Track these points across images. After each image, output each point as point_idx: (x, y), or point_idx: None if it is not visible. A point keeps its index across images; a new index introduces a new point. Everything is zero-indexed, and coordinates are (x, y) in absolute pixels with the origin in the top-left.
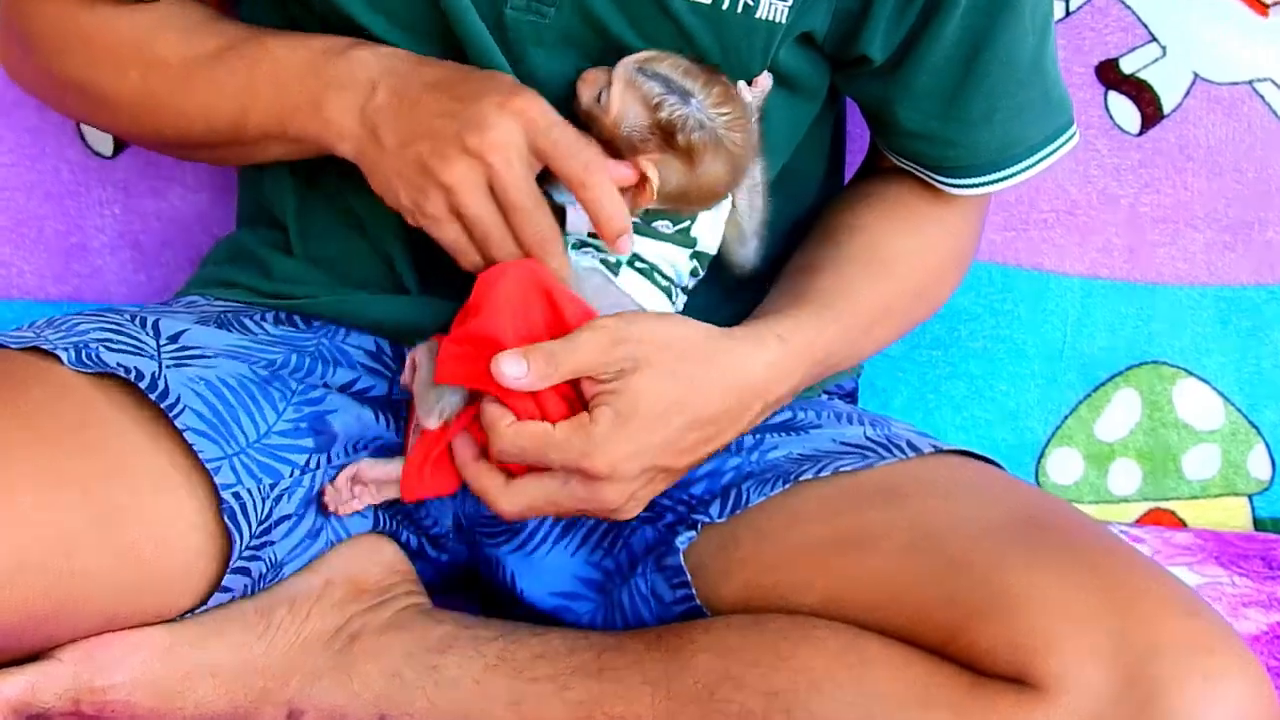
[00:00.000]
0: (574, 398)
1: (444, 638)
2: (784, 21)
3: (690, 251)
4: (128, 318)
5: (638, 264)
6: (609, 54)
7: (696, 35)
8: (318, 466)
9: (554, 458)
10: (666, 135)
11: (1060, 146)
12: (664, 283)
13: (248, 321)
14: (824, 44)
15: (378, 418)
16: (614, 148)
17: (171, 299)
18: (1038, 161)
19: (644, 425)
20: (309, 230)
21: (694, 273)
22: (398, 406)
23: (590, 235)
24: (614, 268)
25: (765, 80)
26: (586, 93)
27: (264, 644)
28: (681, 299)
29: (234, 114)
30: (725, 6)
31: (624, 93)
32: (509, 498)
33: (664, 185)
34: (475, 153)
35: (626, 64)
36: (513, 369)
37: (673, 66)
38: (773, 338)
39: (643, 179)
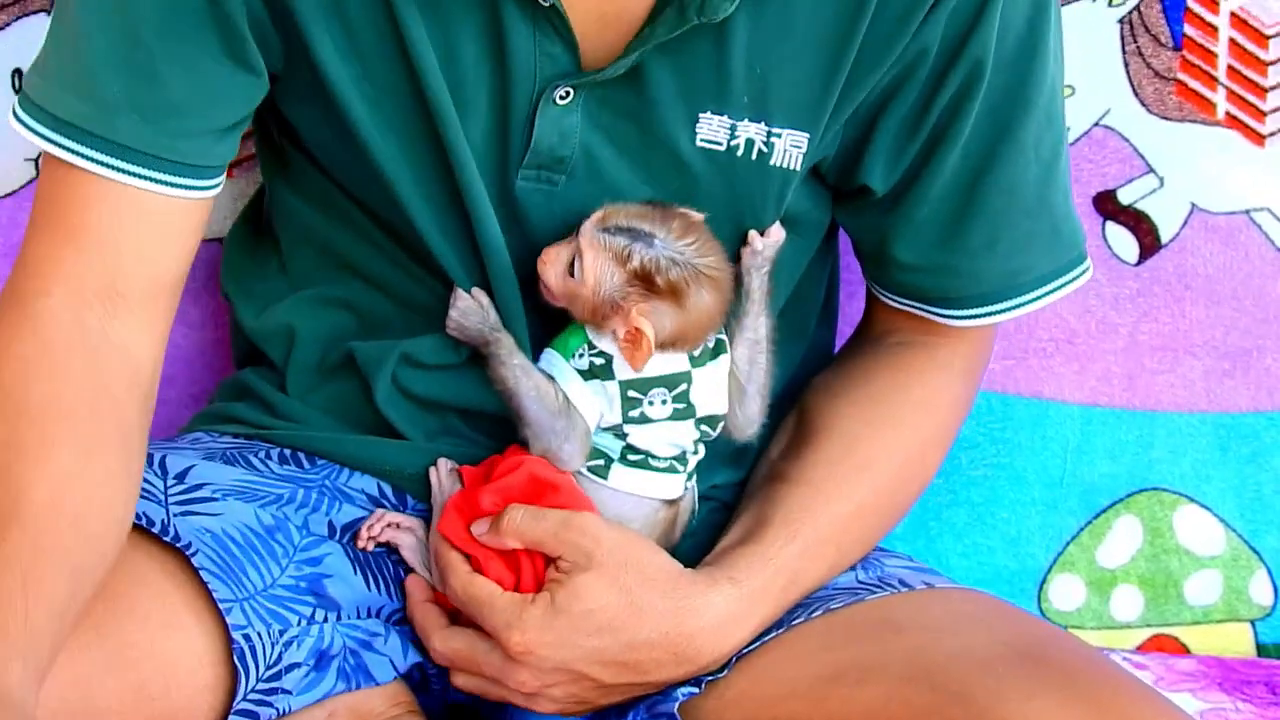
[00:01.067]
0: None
1: None
2: (799, 169)
3: (694, 420)
4: None
5: (629, 457)
6: None
7: (711, 187)
8: (324, 620)
9: (486, 618)
10: (646, 282)
11: (1072, 280)
12: (663, 464)
13: (253, 459)
14: (827, 174)
15: (369, 584)
16: (599, 315)
17: (177, 434)
18: (1047, 293)
19: (574, 623)
20: (303, 378)
21: (703, 437)
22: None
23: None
24: (602, 471)
25: (778, 232)
26: (553, 272)
27: None
28: (696, 459)
29: None
30: (740, 154)
31: (594, 258)
32: (442, 639)
33: (659, 332)
34: None
35: (586, 229)
36: (478, 526)
37: (628, 216)
38: (725, 581)
39: (637, 333)
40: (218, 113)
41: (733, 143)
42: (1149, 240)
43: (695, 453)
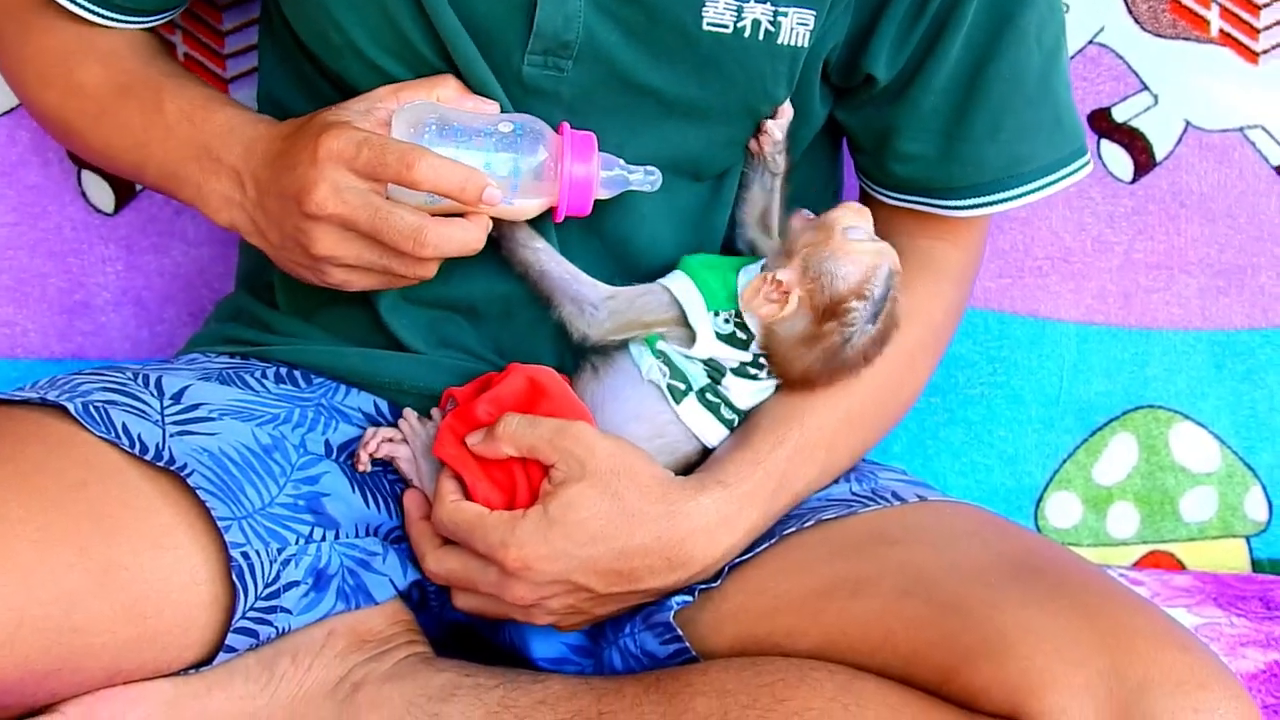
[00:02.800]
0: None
1: (445, 686)
2: (806, 45)
3: (776, 385)
4: (130, 375)
5: (708, 396)
6: (629, 105)
7: (720, 70)
8: (323, 539)
9: (477, 541)
10: (828, 314)
11: (1073, 172)
12: (730, 416)
13: (249, 379)
14: (833, 73)
15: (368, 502)
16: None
17: (174, 355)
18: (1049, 184)
19: (567, 534)
20: (297, 291)
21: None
22: (389, 486)
23: (687, 356)
24: (679, 395)
25: (787, 110)
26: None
27: (267, 695)
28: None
29: (133, 161)
30: (748, 35)
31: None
32: (436, 559)
33: (788, 329)
34: (317, 217)
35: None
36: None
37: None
38: (715, 485)
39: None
40: None
41: (739, 24)
42: (1144, 158)
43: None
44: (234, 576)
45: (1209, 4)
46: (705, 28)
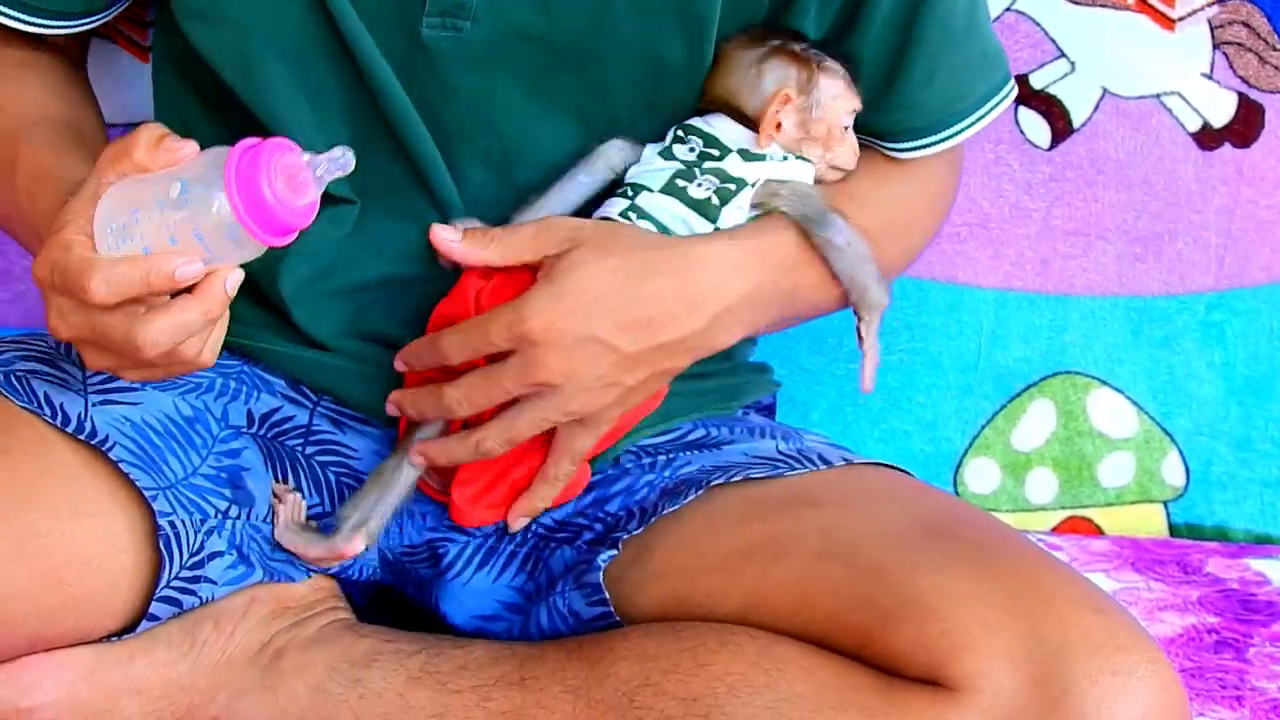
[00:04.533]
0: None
1: (368, 652)
2: None
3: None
4: (52, 344)
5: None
6: (529, 61)
7: (619, 16)
8: (239, 517)
9: (493, 334)
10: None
11: (1001, 100)
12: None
13: None
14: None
15: (286, 481)
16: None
17: None
18: (982, 116)
19: (580, 291)
20: None
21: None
22: (305, 461)
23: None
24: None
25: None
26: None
27: (189, 661)
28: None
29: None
30: None
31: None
32: (441, 451)
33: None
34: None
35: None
36: (447, 233)
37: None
38: (722, 237)
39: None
40: None
41: None
42: (1061, 125)
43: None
44: (160, 544)
45: None
46: None
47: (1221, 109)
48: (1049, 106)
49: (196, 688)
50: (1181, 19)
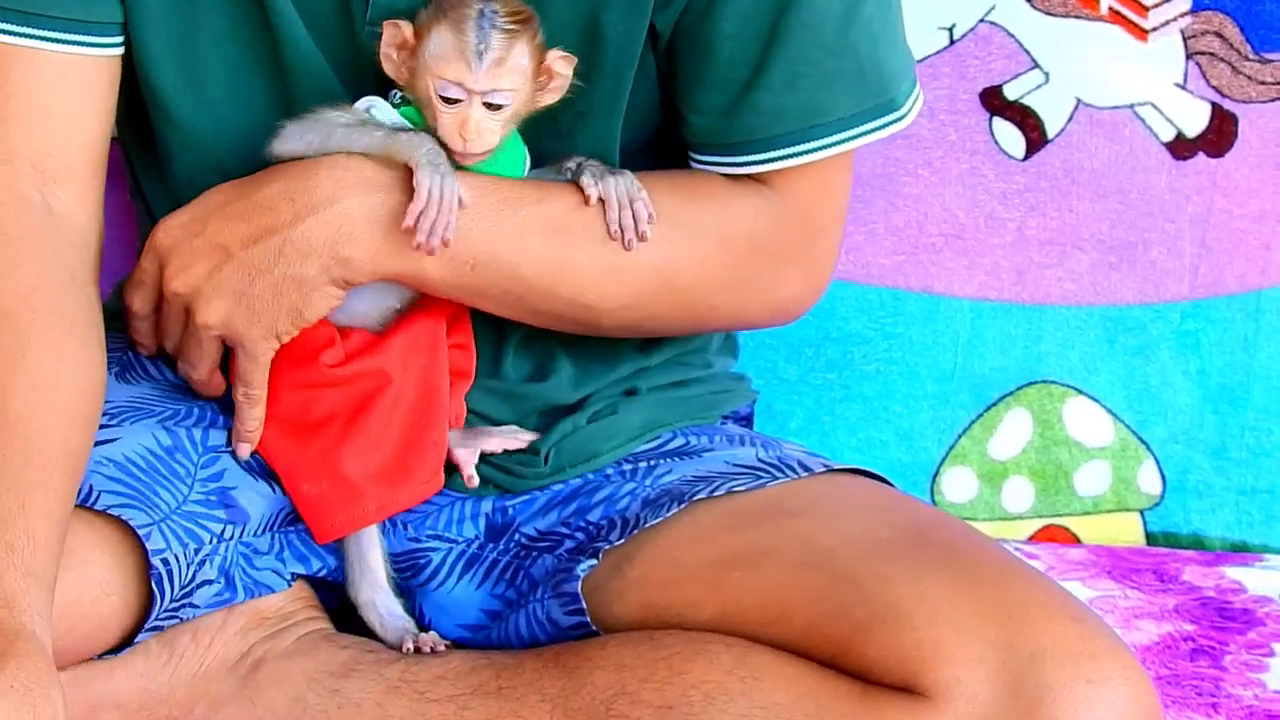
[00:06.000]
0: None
1: (347, 662)
2: None
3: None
4: None
5: None
6: None
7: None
8: (232, 537)
9: (142, 260)
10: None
11: (880, 126)
12: None
13: (148, 365)
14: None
15: (273, 487)
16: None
17: None
18: (849, 137)
19: (202, 201)
20: None
21: None
22: None
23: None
24: None
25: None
26: (490, 129)
27: (168, 673)
28: None
29: None
30: None
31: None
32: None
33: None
34: None
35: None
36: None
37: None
38: (361, 155)
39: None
40: None
41: None
42: (1035, 135)
43: None
44: (153, 583)
45: None
46: None
47: (1195, 119)
48: (1023, 117)
49: (175, 699)
50: (1154, 29)
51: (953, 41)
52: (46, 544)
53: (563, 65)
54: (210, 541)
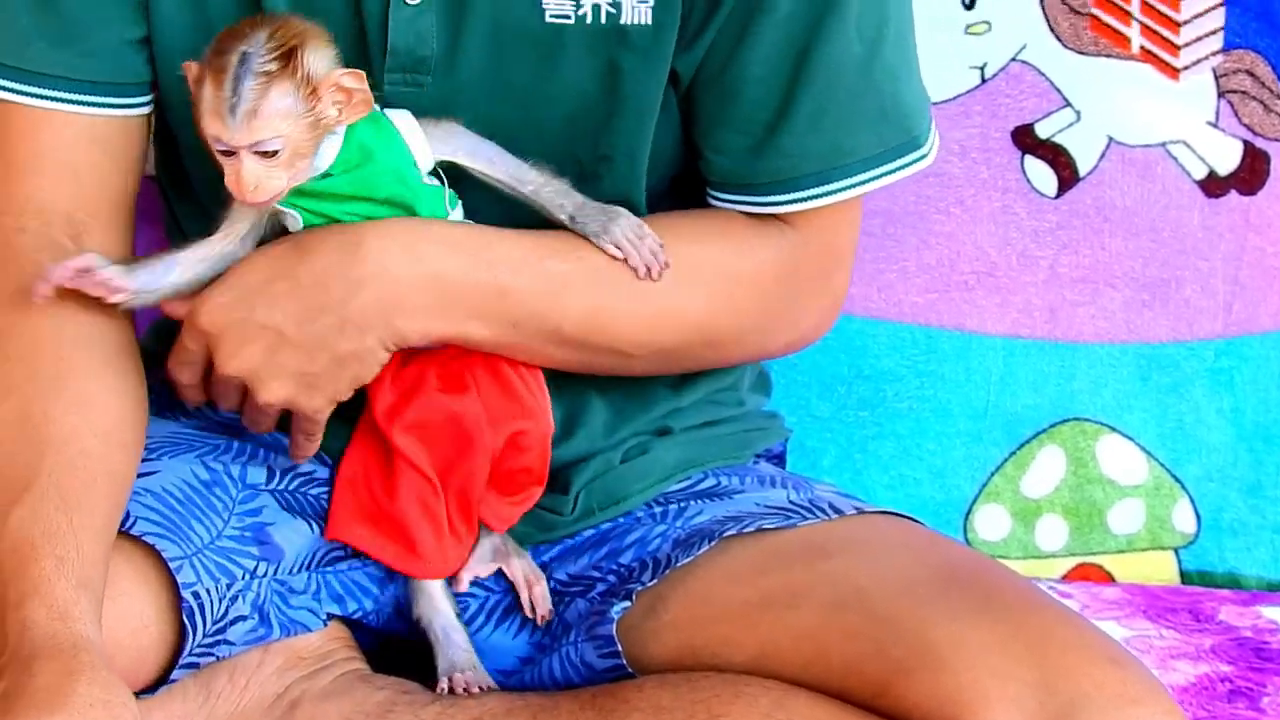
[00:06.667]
0: None
1: (383, 703)
2: (650, 23)
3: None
4: None
5: None
6: (490, 109)
7: (575, 63)
8: (265, 575)
9: (185, 339)
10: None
11: (904, 165)
12: None
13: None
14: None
15: (312, 526)
16: (317, 126)
17: None
18: (874, 177)
19: (242, 279)
20: None
21: None
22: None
23: None
24: None
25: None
26: (270, 182)
27: (204, 714)
28: None
29: None
30: (590, 21)
31: (276, 121)
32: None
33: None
34: None
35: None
36: None
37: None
38: (400, 219)
39: (347, 90)
40: (116, 28)
41: (580, 12)
42: (1067, 173)
43: None
44: (184, 617)
45: (1129, 21)
46: (548, 21)
47: (1227, 157)
48: (1055, 155)
49: None
50: (1186, 68)
51: (984, 80)
52: (94, 560)
53: (353, 81)
54: (243, 578)
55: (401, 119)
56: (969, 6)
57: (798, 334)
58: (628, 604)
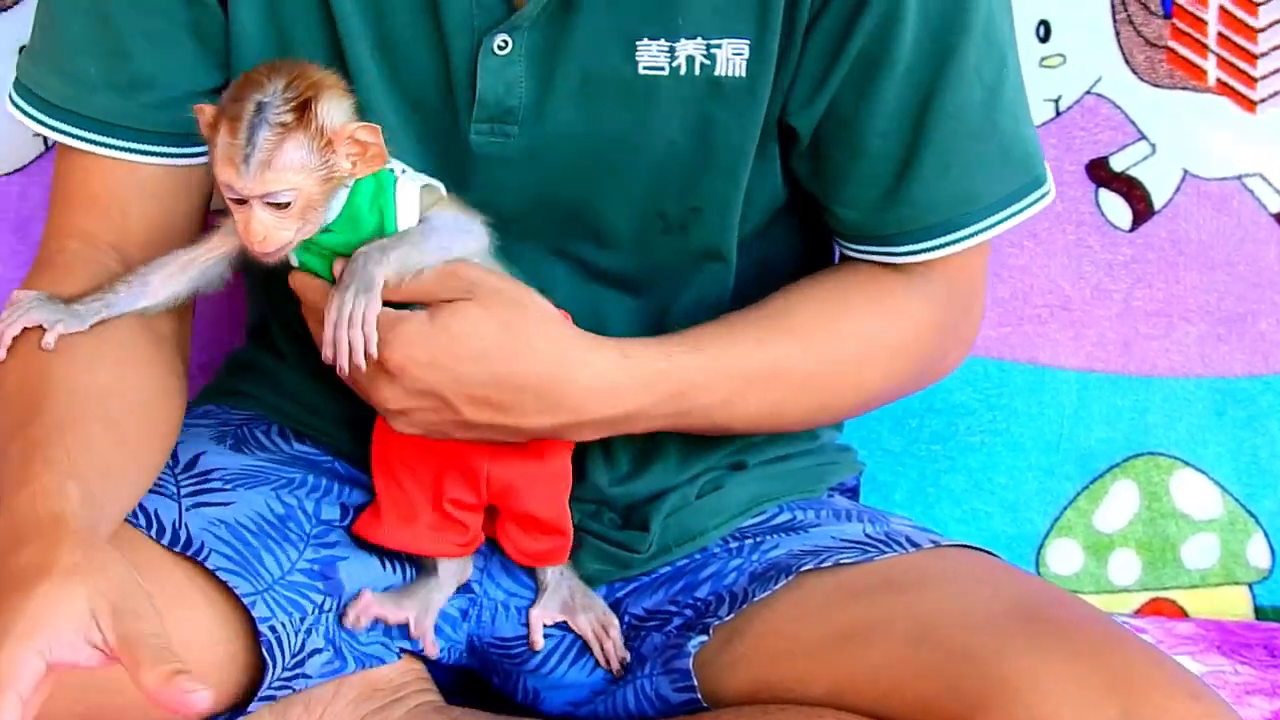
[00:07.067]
0: None
1: None
2: (744, 75)
3: None
4: None
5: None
6: (578, 160)
7: (665, 115)
8: (330, 610)
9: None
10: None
11: (1029, 205)
12: None
13: (261, 436)
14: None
15: (384, 565)
16: (330, 176)
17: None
18: (1003, 219)
19: (450, 344)
20: (307, 350)
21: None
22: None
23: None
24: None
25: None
26: (280, 233)
27: None
28: None
29: None
30: (684, 73)
31: (288, 175)
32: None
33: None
34: None
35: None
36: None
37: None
38: (613, 348)
39: (361, 142)
40: (186, 81)
41: (674, 64)
42: (1142, 206)
43: None
44: (263, 651)
45: (1206, 54)
46: (641, 73)
47: None
48: (1130, 188)
49: None
50: (1263, 101)
51: (1059, 113)
52: (90, 473)
53: (368, 135)
54: (313, 612)
55: (407, 188)
56: (1044, 39)
57: (944, 371)
58: (705, 638)
